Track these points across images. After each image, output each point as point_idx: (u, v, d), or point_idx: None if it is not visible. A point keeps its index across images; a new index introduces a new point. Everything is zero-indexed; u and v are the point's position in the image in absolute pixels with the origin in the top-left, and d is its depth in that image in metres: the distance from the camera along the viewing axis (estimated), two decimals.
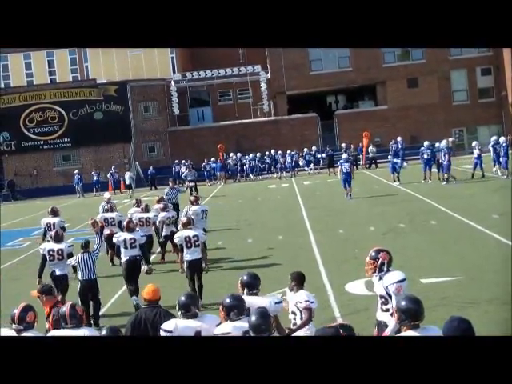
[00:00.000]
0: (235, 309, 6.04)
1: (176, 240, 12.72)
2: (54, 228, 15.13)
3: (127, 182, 40.31)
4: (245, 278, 7.09)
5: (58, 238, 12.52)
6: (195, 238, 12.11)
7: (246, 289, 6.98)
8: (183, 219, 13.14)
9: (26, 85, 49.95)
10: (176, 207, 20.06)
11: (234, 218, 23.57)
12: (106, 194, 19.67)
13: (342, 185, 26.30)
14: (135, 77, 48.46)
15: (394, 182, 29.54)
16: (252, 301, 6.68)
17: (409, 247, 15.63)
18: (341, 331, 4.73)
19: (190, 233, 12.24)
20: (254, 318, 5.56)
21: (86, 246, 11.83)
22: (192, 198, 16.58)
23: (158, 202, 17.71)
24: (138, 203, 17.77)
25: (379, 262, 7.16)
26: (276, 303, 6.96)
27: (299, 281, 7.55)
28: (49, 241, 13.29)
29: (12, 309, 6.64)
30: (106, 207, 17.82)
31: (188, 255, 12.10)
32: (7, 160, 47.17)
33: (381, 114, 47.40)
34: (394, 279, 7.03)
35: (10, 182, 45.44)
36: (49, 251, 12.30)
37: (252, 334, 5.47)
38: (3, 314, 6.90)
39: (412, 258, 14.33)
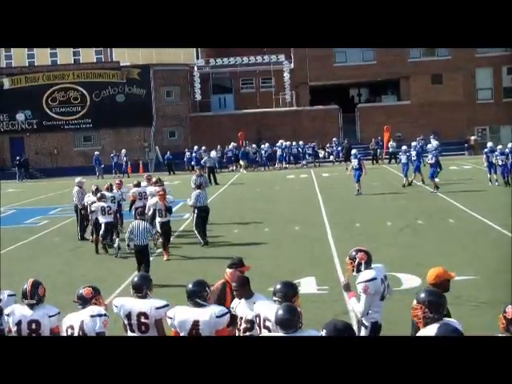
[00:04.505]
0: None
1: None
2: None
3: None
4: (190, 286, 6.18)
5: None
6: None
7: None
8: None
9: (49, 64, 50.10)
10: None
11: (250, 207, 23.57)
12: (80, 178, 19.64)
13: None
14: (159, 61, 48.42)
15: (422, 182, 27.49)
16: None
17: (425, 244, 15.57)
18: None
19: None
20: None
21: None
22: (134, 182, 18.94)
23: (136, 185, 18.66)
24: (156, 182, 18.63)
25: (356, 262, 7.10)
26: (218, 316, 6.07)
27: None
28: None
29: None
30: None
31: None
32: (28, 138, 47.44)
33: (403, 109, 47.02)
34: (363, 278, 6.94)
35: (24, 161, 45.51)
36: (101, 208, 16.31)
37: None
38: (18, 291, 6.98)
39: (428, 254, 14.24)
